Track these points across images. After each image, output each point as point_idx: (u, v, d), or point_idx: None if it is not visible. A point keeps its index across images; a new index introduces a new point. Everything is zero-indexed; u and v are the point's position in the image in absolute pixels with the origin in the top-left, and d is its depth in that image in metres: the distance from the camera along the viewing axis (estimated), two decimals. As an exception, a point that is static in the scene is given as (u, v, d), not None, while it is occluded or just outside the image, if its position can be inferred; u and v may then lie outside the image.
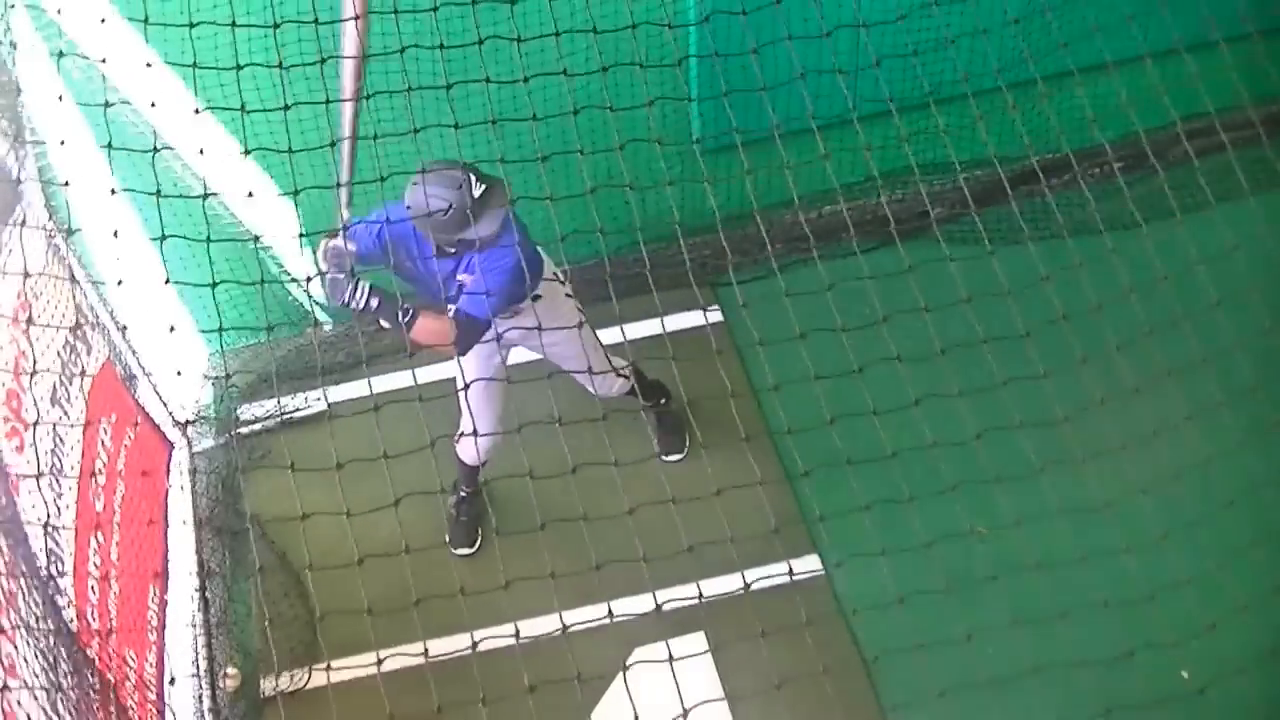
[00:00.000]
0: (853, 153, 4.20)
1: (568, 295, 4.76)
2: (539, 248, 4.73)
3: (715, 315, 5.82)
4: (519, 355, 5.12)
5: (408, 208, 4.30)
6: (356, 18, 3.72)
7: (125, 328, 4.76)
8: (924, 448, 3.88)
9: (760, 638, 3.79)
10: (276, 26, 3.48)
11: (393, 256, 4.39)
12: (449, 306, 4.44)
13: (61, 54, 3.65)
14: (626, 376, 5.17)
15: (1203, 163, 4.22)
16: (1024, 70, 4.20)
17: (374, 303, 4.27)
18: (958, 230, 5.10)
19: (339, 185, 4.04)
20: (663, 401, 5.49)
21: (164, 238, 3.31)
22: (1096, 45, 4.22)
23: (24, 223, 3.70)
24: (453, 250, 4.44)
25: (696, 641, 4.80)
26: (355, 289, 4.25)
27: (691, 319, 5.51)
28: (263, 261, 4.98)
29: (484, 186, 4.32)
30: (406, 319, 4.28)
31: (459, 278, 4.48)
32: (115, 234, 3.33)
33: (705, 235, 5.41)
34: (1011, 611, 3.96)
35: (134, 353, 4.90)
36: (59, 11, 3.99)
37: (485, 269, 4.38)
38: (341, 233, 4.24)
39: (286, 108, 3.46)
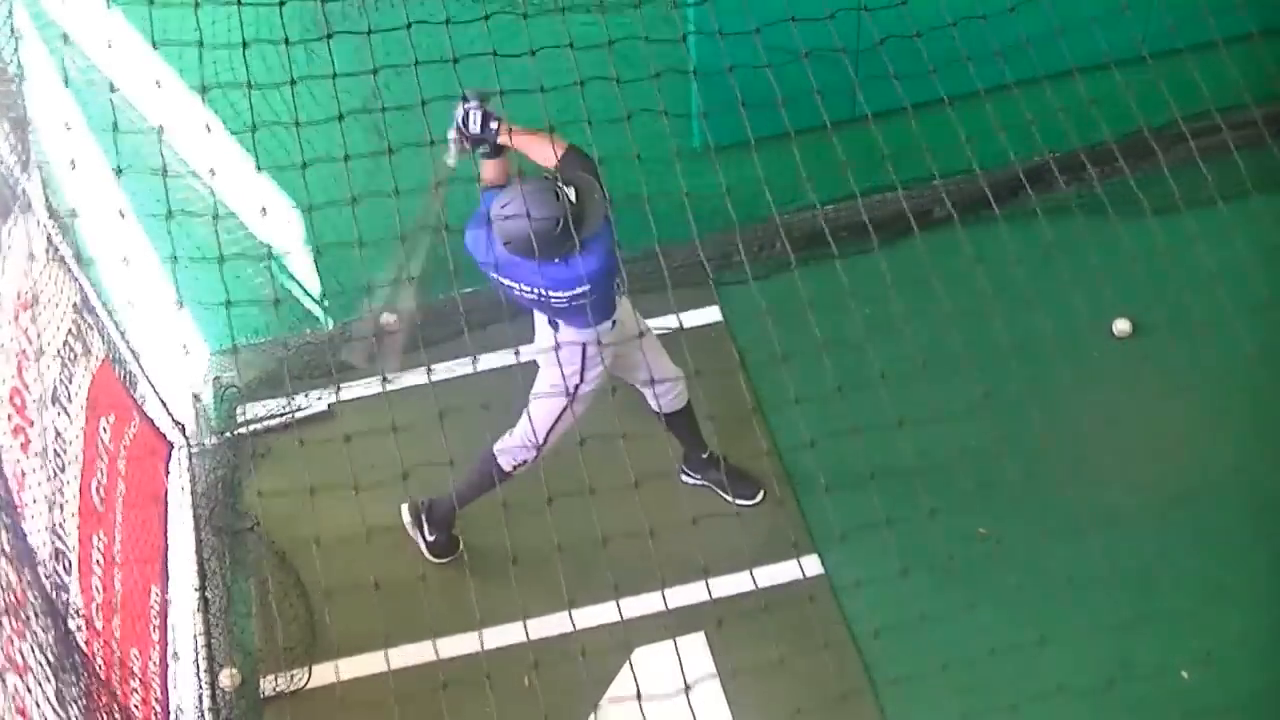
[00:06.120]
0: (859, 153, 4.17)
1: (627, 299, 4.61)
2: None
3: (715, 314, 5.80)
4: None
5: (506, 243, 4.11)
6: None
7: (126, 326, 4.73)
8: (927, 455, 3.87)
9: (761, 639, 3.79)
10: (282, 4, 3.43)
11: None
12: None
13: (66, 38, 3.60)
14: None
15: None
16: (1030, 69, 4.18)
17: (493, 126, 4.12)
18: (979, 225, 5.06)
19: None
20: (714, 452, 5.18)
21: (169, 215, 3.27)
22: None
23: (30, 210, 3.67)
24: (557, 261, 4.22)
25: (697, 641, 4.78)
26: (471, 117, 4.10)
27: (693, 318, 5.51)
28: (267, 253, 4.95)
29: (573, 187, 4.14)
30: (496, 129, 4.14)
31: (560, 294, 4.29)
32: (121, 214, 3.29)
33: (705, 235, 5.39)
34: (1030, 628, 3.92)
35: (133, 352, 4.87)
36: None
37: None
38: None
39: (293, 82, 3.42)
